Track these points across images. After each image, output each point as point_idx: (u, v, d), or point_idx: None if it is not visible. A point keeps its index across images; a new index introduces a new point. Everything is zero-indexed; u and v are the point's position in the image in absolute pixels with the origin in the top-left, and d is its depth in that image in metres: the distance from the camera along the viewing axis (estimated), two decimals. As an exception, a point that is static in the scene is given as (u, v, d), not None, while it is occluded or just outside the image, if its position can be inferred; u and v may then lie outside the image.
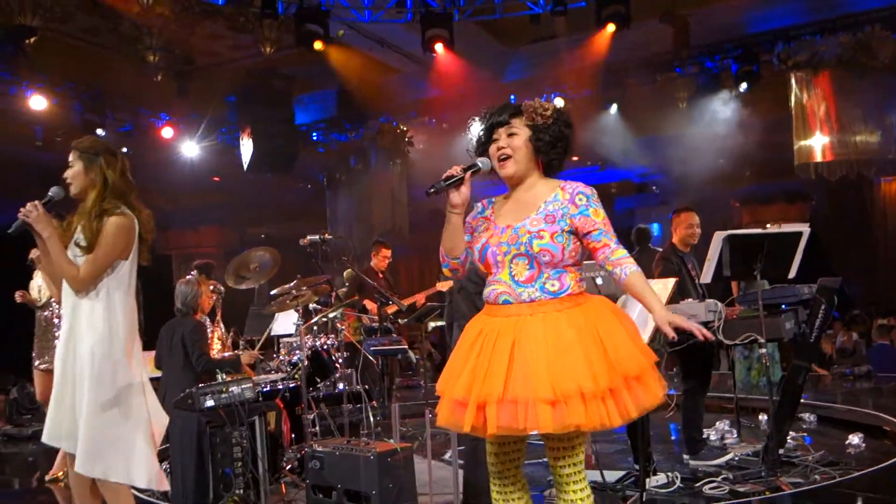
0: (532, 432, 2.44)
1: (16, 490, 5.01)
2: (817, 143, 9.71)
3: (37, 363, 5.34)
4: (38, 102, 10.24)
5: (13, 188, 5.07)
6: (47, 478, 5.06)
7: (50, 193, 3.26)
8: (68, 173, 3.30)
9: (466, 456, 3.99)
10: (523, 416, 2.39)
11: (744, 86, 10.33)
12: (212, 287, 6.10)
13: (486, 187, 3.12)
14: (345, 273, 7.84)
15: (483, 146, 2.76)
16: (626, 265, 2.58)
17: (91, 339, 3.12)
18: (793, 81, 9.65)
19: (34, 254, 4.77)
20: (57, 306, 4.73)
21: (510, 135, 2.68)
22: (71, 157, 3.31)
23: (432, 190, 2.66)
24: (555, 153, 2.70)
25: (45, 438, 3.23)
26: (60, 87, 10.70)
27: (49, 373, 4.87)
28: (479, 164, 2.71)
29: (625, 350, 2.48)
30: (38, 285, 5.58)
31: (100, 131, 10.94)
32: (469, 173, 2.67)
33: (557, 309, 2.53)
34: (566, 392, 2.37)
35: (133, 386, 3.21)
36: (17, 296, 5.67)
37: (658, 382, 2.51)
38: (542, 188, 2.69)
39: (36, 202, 3.18)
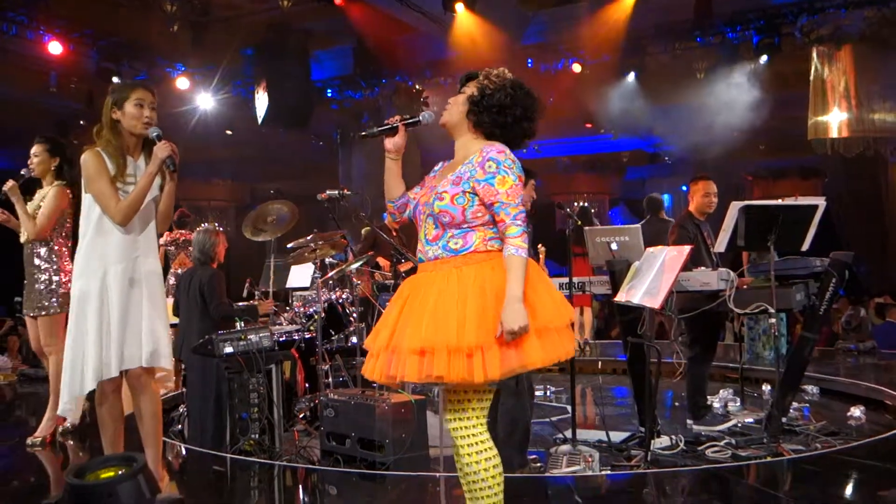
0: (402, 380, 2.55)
1: (32, 427, 5.14)
2: (834, 119, 9.67)
3: (25, 311, 5.02)
4: (54, 48, 10.24)
5: (27, 132, 5.09)
6: (30, 440, 4.85)
7: (156, 133, 3.39)
8: (154, 116, 3.42)
9: (507, 395, 4.08)
10: (395, 365, 2.52)
11: (764, 58, 10.24)
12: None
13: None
14: (363, 230, 7.90)
15: None
16: (510, 245, 2.51)
17: (156, 260, 3.56)
18: (814, 55, 9.58)
19: (7, 186, 4.76)
20: (36, 244, 4.85)
21: (460, 92, 2.74)
22: (152, 100, 3.45)
23: (363, 133, 2.84)
24: (483, 118, 2.66)
25: (125, 365, 3.37)
26: (77, 34, 10.69)
27: (33, 319, 4.92)
28: (420, 118, 2.83)
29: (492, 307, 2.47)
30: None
31: (115, 79, 10.93)
32: (403, 125, 2.79)
33: (456, 266, 2.57)
34: (432, 344, 2.46)
35: None
36: None
37: (538, 349, 2.46)
38: (471, 150, 2.68)
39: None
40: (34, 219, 4.78)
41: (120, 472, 2.66)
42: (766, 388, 6.32)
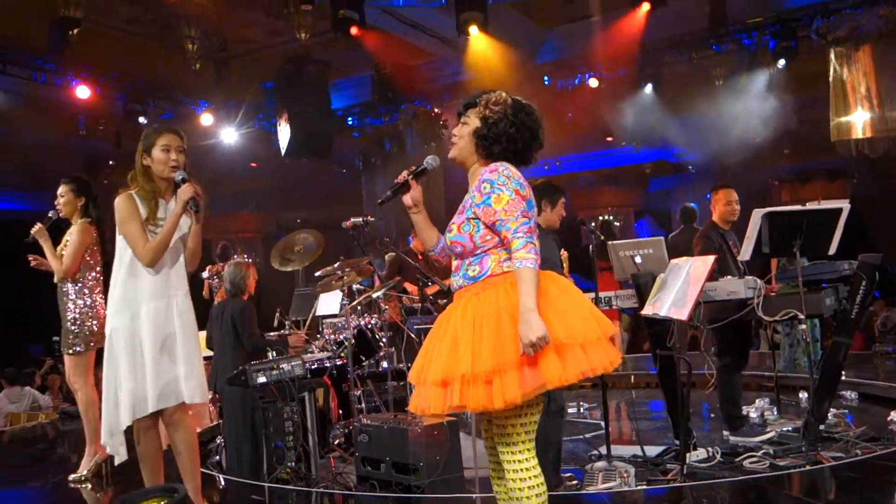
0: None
1: (74, 464, 5.25)
2: (858, 120, 9.58)
3: (61, 349, 5.12)
4: (82, 92, 10.50)
5: (57, 175, 5.25)
6: (73, 477, 5.00)
7: (181, 176, 3.53)
8: (181, 158, 3.56)
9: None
10: (423, 397, 2.57)
11: (782, 62, 10.18)
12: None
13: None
14: (386, 256, 7.97)
15: None
16: (518, 259, 2.49)
17: (187, 297, 3.62)
18: (832, 56, 9.51)
19: (34, 229, 4.91)
20: (68, 284, 4.96)
21: (463, 124, 2.74)
22: (180, 143, 3.59)
23: (380, 202, 2.82)
24: (495, 148, 2.66)
25: (164, 404, 3.45)
26: (104, 77, 10.95)
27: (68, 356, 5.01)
28: (426, 166, 2.81)
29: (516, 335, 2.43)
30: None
31: (142, 119, 11.19)
32: (412, 178, 2.78)
33: (475, 293, 2.59)
34: (451, 375, 2.48)
35: None
36: (31, 260, 5.22)
37: (557, 364, 2.42)
38: (478, 173, 2.69)
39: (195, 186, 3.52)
40: (59, 259, 4.91)
41: (164, 503, 2.71)
42: (803, 395, 6.24)
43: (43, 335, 10.56)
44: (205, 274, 7.11)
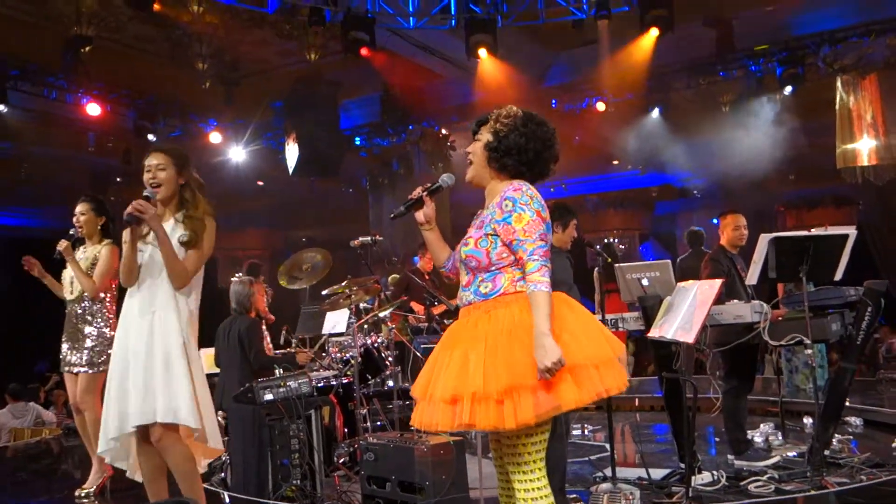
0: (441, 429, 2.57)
1: (78, 480, 5.26)
2: (864, 147, 9.63)
3: (67, 369, 5.07)
4: (93, 109, 10.60)
5: (66, 191, 5.28)
6: (79, 492, 4.98)
7: (148, 195, 3.49)
8: (160, 175, 3.51)
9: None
10: (430, 414, 2.55)
11: (788, 89, 10.26)
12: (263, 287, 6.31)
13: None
14: (389, 277, 8.01)
15: None
16: (532, 282, 2.51)
17: (183, 328, 3.47)
18: (839, 84, 9.59)
19: (61, 246, 4.90)
20: (88, 303, 4.99)
21: (475, 140, 2.75)
22: (160, 160, 3.52)
23: (393, 216, 2.85)
24: (507, 161, 2.66)
25: (138, 421, 3.40)
26: (114, 95, 11.06)
27: (75, 376, 5.00)
28: (441, 183, 2.84)
29: (527, 357, 2.43)
30: (71, 277, 5.19)
31: (151, 137, 11.29)
32: (427, 194, 2.81)
33: (486, 310, 2.59)
34: (461, 393, 2.48)
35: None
36: (25, 262, 5.08)
37: (571, 387, 2.42)
38: (496, 193, 2.69)
39: (144, 202, 3.42)
40: (90, 277, 4.93)
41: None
42: (808, 420, 6.24)
43: (48, 352, 10.59)
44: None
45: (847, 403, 6.30)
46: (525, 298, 2.55)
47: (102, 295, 5.02)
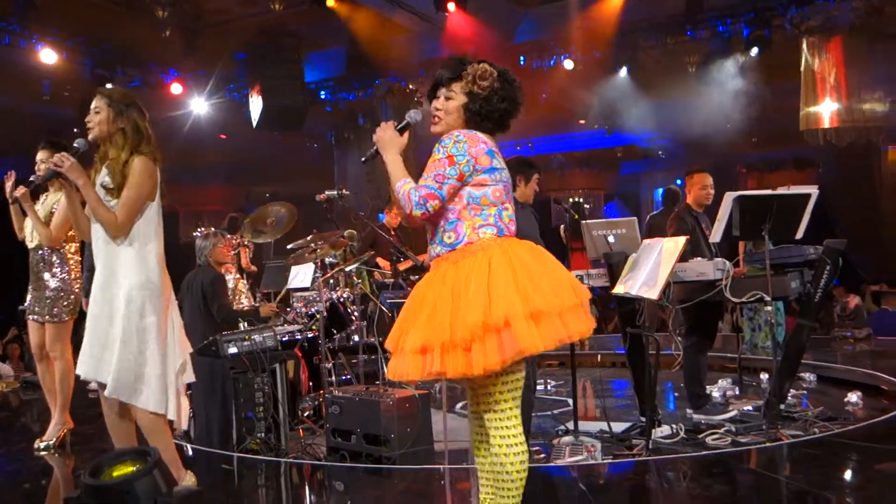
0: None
1: (36, 433, 5.21)
2: (826, 110, 9.74)
3: (32, 317, 5.01)
4: (47, 56, 10.24)
5: (21, 142, 5.11)
6: (37, 444, 4.94)
7: (76, 145, 3.43)
8: (93, 119, 3.41)
9: None
10: (401, 365, 2.58)
11: (755, 51, 10.29)
12: (243, 241, 6.25)
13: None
14: (346, 232, 7.96)
15: (429, 100, 2.80)
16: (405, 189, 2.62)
17: (129, 285, 3.31)
18: (804, 46, 9.65)
19: (19, 192, 4.74)
20: (47, 251, 4.89)
21: (447, 98, 2.70)
22: (97, 104, 3.42)
23: (364, 160, 2.83)
24: (486, 124, 2.69)
25: (82, 372, 3.37)
26: (70, 42, 10.68)
27: (40, 324, 4.94)
28: (409, 119, 2.79)
29: (500, 297, 2.46)
30: (30, 226, 5.02)
31: (109, 86, 10.95)
32: (397, 132, 2.76)
33: (454, 261, 2.60)
34: (430, 342, 2.50)
35: (163, 328, 3.41)
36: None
37: (532, 331, 2.44)
38: None
39: (64, 153, 3.33)
40: (48, 226, 4.80)
41: (135, 468, 2.70)
42: (765, 376, 6.40)
43: (3, 303, 10.36)
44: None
45: (803, 360, 6.51)
46: (491, 247, 2.57)
47: (65, 244, 4.91)
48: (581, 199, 16.92)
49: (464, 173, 2.59)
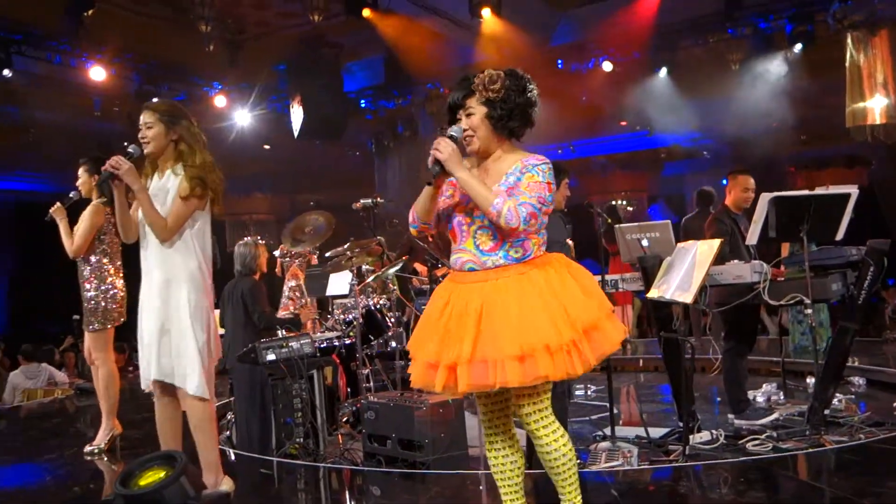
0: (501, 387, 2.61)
1: (88, 438, 5.37)
2: (873, 106, 9.48)
3: (84, 327, 5.20)
4: (97, 73, 10.54)
5: (73, 157, 5.31)
6: (88, 448, 5.12)
7: (130, 150, 3.56)
8: (147, 134, 3.55)
9: None
10: (493, 373, 2.57)
11: (798, 47, 10.08)
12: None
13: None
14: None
15: (449, 124, 2.83)
16: (509, 206, 2.62)
17: (191, 291, 3.48)
18: (849, 41, 9.40)
19: (53, 208, 4.95)
20: (80, 263, 5.06)
21: (468, 115, 2.75)
22: (147, 119, 3.57)
23: (431, 183, 2.73)
24: (513, 123, 2.75)
25: (154, 376, 3.49)
26: (118, 59, 10.99)
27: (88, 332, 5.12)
28: (454, 134, 2.76)
29: (580, 303, 2.65)
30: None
31: (155, 101, 11.22)
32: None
33: (520, 272, 2.68)
34: (532, 347, 2.55)
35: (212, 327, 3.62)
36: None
37: (615, 328, 2.71)
38: (508, 160, 2.76)
39: (120, 157, 3.47)
40: (72, 238, 5.00)
41: (164, 475, 2.78)
42: (811, 380, 6.25)
43: (62, 314, 10.72)
44: (277, 253, 7.25)
45: (851, 363, 6.35)
46: (553, 258, 2.76)
47: (94, 258, 5.05)
48: (623, 202, 16.76)
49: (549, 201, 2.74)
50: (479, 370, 2.58)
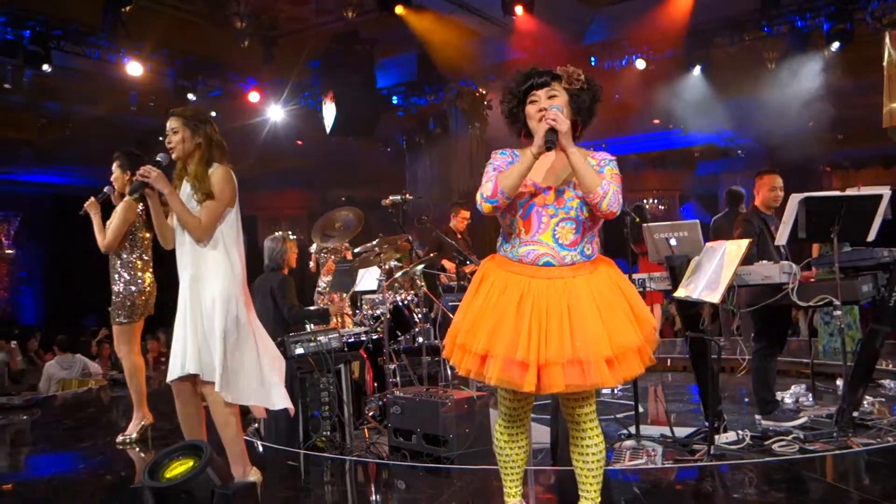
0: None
1: (121, 427, 5.49)
2: (910, 106, 9.32)
3: (112, 319, 5.29)
4: (134, 69, 10.74)
5: (110, 151, 5.44)
6: (120, 438, 5.23)
7: (158, 158, 3.65)
8: (174, 139, 3.63)
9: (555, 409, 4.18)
10: (589, 374, 2.60)
11: (836, 45, 9.92)
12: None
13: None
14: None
15: (516, 107, 2.83)
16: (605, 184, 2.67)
17: (218, 286, 3.53)
18: (887, 40, 9.24)
19: (87, 203, 5.08)
20: (112, 257, 5.18)
21: (551, 97, 2.76)
22: (173, 124, 3.65)
23: (548, 147, 2.67)
24: (584, 116, 2.81)
25: (193, 369, 3.52)
26: (155, 54, 11.18)
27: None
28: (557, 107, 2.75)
29: (640, 303, 2.79)
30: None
31: (190, 96, 11.42)
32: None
33: (590, 271, 2.74)
34: (624, 348, 2.63)
35: (249, 325, 3.65)
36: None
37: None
38: (578, 156, 2.73)
39: (150, 166, 3.57)
40: (104, 233, 5.12)
41: (191, 465, 2.84)
42: (840, 383, 6.17)
43: (97, 306, 10.96)
44: (312, 248, 7.36)
45: (883, 366, 6.26)
46: (609, 261, 2.85)
47: (125, 253, 5.16)
48: (655, 200, 16.63)
49: None
50: (575, 371, 2.60)
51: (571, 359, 2.59)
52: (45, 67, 9.83)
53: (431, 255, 6.68)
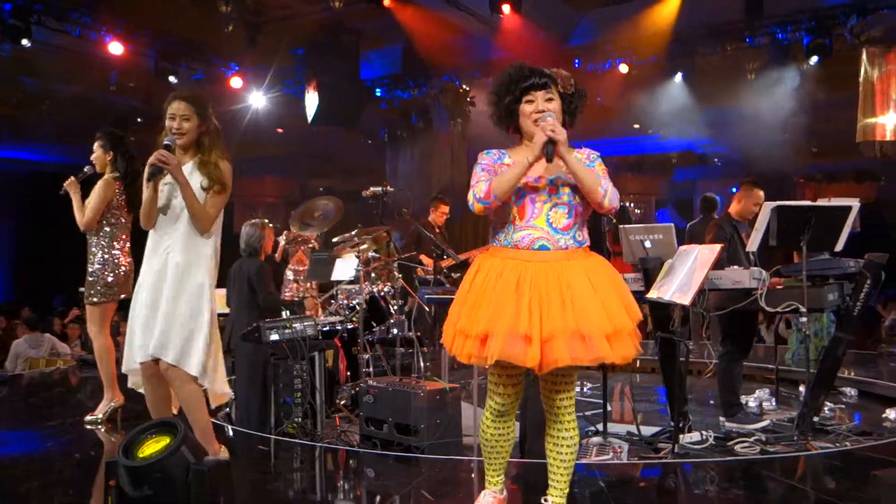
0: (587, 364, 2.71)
1: (89, 408, 5.47)
2: (886, 122, 9.51)
3: (85, 299, 5.26)
4: (115, 48, 10.60)
5: (87, 129, 5.40)
6: (88, 418, 5.21)
7: (167, 142, 3.58)
8: (183, 126, 3.60)
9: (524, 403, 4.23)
10: (592, 346, 2.65)
11: (814, 59, 10.09)
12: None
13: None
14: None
15: (511, 105, 2.88)
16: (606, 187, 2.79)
17: (206, 273, 3.59)
18: (864, 56, 9.43)
19: (67, 182, 5.04)
20: (89, 236, 5.13)
21: (548, 99, 2.85)
22: (186, 111, 3.60)
23: (549, 158, 2.75)
24: (572, 121, 2.94)
25: (141, 358, 3.57)
26: (137, 35, 11.02)
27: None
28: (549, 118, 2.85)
29: (629, 294, 2.87)
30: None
31: (172, 79, 11.30)
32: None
33: (584, 257, 2.84)
34: (621, 327, 2.70)
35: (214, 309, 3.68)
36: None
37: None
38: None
39: (165, 152, 3.51)
40: (83, 211, 5.08)
41: (167, 443, 2.87)
42: (804, 388, 6.33)
43: (68, 286, 10.86)
44: (281, 239, 7.37)
45: (845, 374, 6.42)
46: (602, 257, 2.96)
47: (103, 232, 5.12)
48: (632, 205, 16.76)
49: None
50: (579, 344, 2.64)
51: (574, 332, 2.64)
52: (25, 42, 9.66)
53: (411, 248, 6.73)
